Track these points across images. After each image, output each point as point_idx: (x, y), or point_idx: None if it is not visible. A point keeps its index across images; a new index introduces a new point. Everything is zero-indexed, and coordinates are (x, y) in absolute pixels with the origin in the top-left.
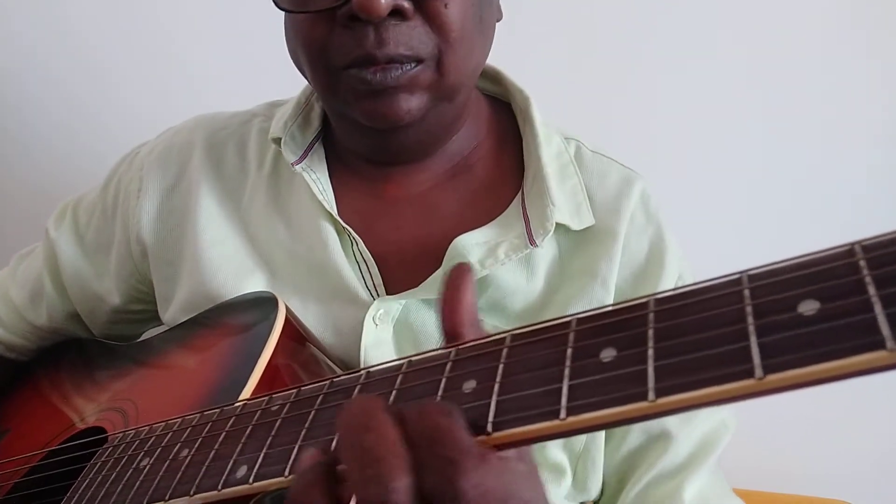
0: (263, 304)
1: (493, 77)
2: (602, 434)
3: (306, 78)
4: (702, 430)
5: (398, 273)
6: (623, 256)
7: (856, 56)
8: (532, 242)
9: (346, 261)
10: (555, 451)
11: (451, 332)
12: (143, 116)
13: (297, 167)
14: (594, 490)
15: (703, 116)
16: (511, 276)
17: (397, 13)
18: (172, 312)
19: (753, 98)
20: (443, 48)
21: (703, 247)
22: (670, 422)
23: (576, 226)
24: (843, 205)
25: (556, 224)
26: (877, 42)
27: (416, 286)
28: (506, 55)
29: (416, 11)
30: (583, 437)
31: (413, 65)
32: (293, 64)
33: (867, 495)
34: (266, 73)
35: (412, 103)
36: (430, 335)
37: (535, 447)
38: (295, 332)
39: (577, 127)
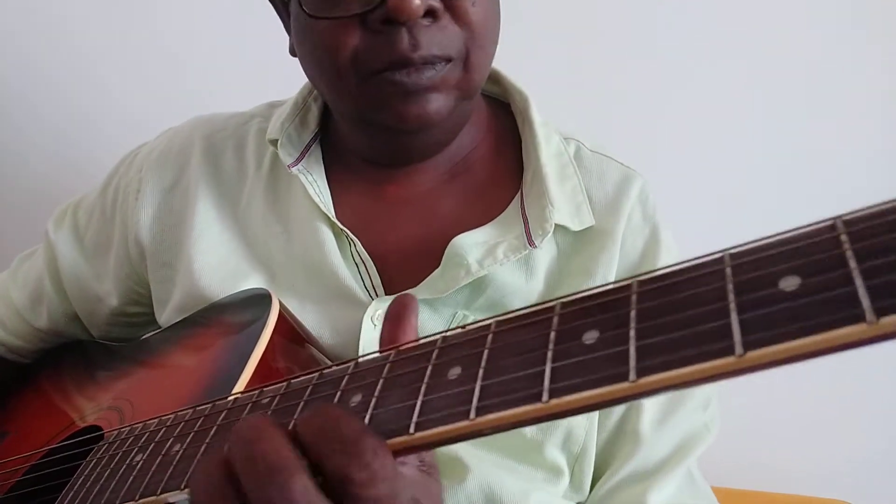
0: (258, 302)
1: (493, 77)
2: (596, 434)
3: (321, 88)
4: (678, 433)
5: (397, 273)
6: (620, 254)
7: (855, 56)
8: (531, 243)
9: (343, 262)
10: (553, 452)
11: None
12: (143, 118)
13: (294, 169)
14: (589, 491)
15: (701, 114)
16: (510, 276)
17: (428, 13)
18: (169, 314)
19: (752, 96)
20: (470, 46)
21: (702, 244)
22: (643, 423)
23: (575, 226)
24: (841, 206)
25: (556, 225)
26: (876, 42)
27: (415, 286)
28: (505, 53)
29: (445, 10)
30: (581, 438)
31: (444, 64)
32: (304, 73)
33: (867, 495)
34: (265, 74)
35: (441, 103)
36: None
37: (533, 448)
38: (289, 329)
39: (576, 125)
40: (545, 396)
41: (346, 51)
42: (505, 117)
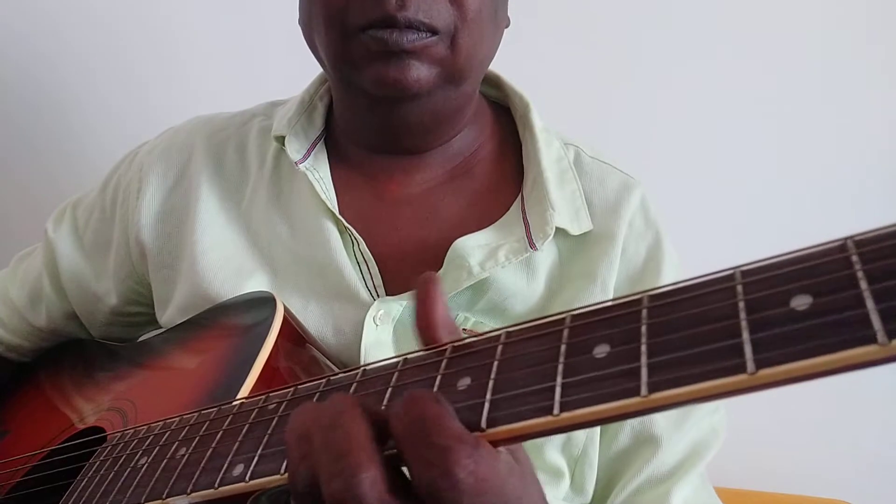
0: (262, 304)
1: (495, 82)
2: (598, 436)
3: (317, 51)
4: (692, 436)
5: (398, 274)
6: (621, 260)
7: (855, 56)
8: (532, 246)
9: (348, 260)
10: (553, 454)
11: (428, 339)
12: (143, 117)
13: (301, 166)
14: (591, 492)
15: (701, 119)
16: (511, 278)
17: None
18: (170, 314)
19: (752, 101)
20: (459, 25)
21: (701, 251)
22: (660, 427)
23: (574, 230)
24: (842, 208)
25: (556, 228)
26: (876, 42)
27: None
28: (505, 56)
29: None
30: (581, 441)
31: (428, 34)
32: (305, 41)
33: (867, 495)
34: (265, 74)
35: (422, 72)
36: None
37: (533, 450)
38: (293, 332)
39: (576, 130)
40: (556, 410)
41: (334, 6)
42: (507, 121)
